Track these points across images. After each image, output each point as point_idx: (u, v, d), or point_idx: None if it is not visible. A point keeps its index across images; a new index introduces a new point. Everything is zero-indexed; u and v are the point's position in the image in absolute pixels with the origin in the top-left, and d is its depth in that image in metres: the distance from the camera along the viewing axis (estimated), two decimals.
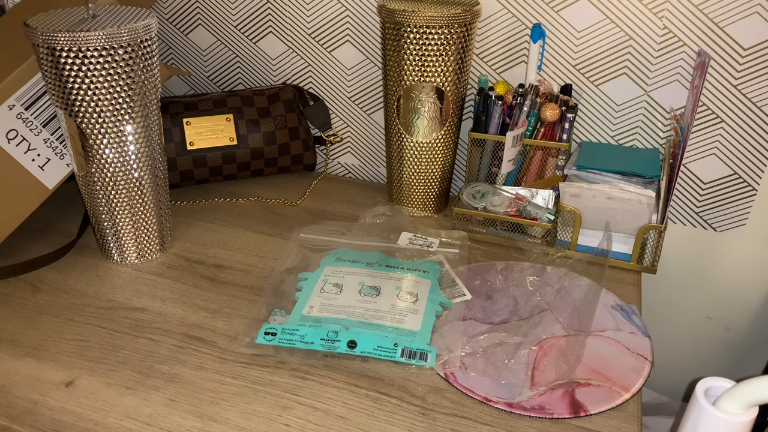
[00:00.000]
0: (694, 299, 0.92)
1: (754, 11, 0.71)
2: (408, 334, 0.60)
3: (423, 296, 0.65)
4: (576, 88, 0.82)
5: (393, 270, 0.68)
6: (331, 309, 0.62)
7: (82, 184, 0.70)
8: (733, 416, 0.42)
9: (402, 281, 0.66)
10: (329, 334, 0.59)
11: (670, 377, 0.90)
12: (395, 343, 0.58)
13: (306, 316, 0.62)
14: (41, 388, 0.56)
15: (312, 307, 0.63)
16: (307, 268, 0.69)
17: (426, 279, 0.67)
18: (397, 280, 0.67)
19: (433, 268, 0.69)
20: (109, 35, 0.60)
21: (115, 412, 0.54)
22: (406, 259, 0.71)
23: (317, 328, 0.60)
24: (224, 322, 0.64)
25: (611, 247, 0.74)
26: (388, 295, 0.64)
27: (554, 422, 0.53)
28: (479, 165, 0.81)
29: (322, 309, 0.62)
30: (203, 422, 0.53)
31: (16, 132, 0.69)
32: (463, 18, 0.72)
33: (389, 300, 0.64)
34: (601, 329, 0.63)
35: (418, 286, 0.66)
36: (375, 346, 0.58)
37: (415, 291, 0.65)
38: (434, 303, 0.64)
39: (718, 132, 0.79)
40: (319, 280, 0.67)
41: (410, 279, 0.67)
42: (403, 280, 0.67)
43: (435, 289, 0.66)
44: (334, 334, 0.59)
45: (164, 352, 0.60)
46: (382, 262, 0.70)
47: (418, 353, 0.58)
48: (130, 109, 0.65)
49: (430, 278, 0.68)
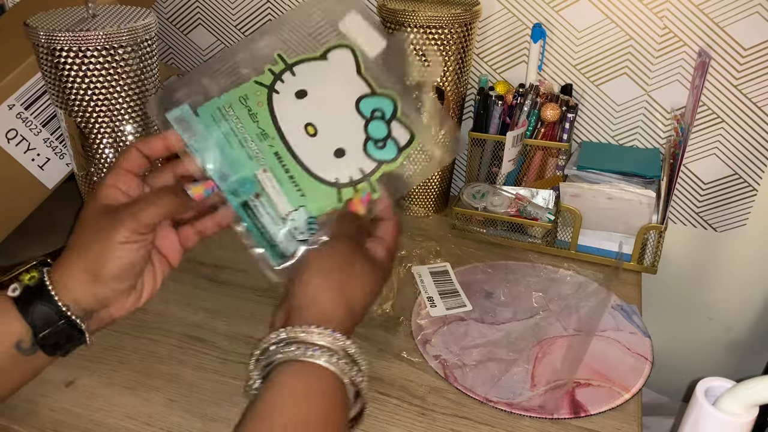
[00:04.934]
0: (695, 299, 0.92)
1: (755, 11, 0.71)
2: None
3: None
4: (576, 88, 0.82)
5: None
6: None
7: (82, 184, 0.70)
8: (733, 416, 0.41)
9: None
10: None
11: (671, 377, 0.90)
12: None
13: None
14: (41, 388, 0.56)
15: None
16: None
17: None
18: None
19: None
20: (108, 35, 0.60)
21: (115, 412, 0.54)
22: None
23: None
24: (224, 323, 0.64)
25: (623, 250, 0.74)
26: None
27: (554, 422, 0.53)
28: (479, 165, 0.81)
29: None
30: (203, 422, 0.53)
31: (15, 131, 0.69)
32: (464, 18, 0.72)
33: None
34: (601, 329, 0.63)
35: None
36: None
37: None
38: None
39: (718, 132, 0.79)
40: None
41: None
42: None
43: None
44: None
45: (164, 352, 0.60)
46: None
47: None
48: (130, 109, 0.65)
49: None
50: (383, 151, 0.52)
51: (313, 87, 0.53)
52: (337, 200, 0.52)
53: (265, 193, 0.51)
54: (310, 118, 0.53)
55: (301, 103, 0.53)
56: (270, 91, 0.52)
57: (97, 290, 0.47)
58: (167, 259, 0.53)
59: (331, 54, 0.54)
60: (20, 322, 0.45)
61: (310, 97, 0.53)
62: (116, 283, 0.48)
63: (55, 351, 0.47)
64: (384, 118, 0.53)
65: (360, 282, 0.48)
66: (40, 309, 0.45)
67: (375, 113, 0.53)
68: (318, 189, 0.52)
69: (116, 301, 0.49)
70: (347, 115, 0.53)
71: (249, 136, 0.52)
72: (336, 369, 0.43)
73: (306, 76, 0.53)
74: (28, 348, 0.46)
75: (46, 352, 0.47)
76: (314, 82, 0.53)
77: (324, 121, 0.53)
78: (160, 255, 0.53)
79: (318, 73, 0.53)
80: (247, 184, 0.51)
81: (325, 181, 0.52)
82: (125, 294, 0.50)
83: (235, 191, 0.51)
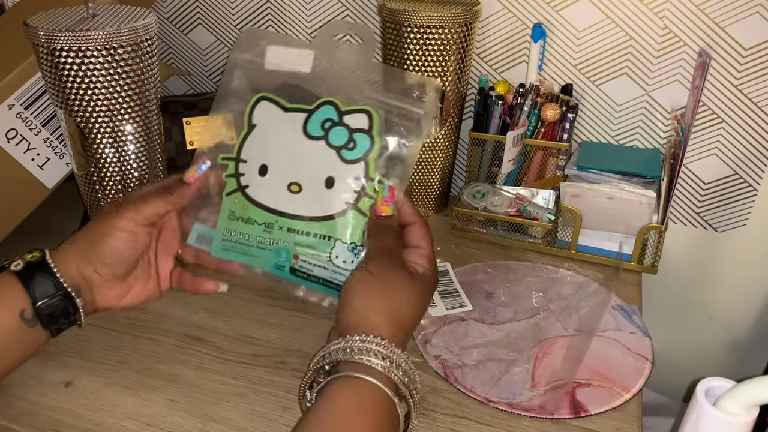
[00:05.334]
0: (695, 299, 0.92)
1: (755, 11, 0.71)
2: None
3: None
4: (576, 88, 0.82)
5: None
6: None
7: (82, 184, 0.70)
8: (733, 416, 0.41)
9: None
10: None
11: (671, 377, 0.90)
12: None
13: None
14: (41, 388, 0.56)
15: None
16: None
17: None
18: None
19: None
20: (108, 35, 0.60)
21: (114, 412, 0.54)
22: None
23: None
24: (224, 323, 0.64)
25: (624, 251, 0.74)
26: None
27: (554, 422, 0.53)
28: (479, 165, 0.81)
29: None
30: (203, 422, 0.53)
31: (15, 131, 0.69)
32: (464, 18, 0.72)
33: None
34: (601, 329, 0.63)
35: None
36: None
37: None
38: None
39: (718, 132, 0.79)
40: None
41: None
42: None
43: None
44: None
45: (164, 352, 0.60)
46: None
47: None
48: (130, 109, 0.65)
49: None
50: (357, 148, 0.53)
51: (265, 155, 0.54)
52: (360, 217, 0.52)
53: (302, 253, 0.53)
54: (285, 181, 0.54)
55: (269, 177, 0.54)
56: (241, 191, 0.55)
57: (84, 268, 0.51)
58: (159, 281, 0.57)
59: (254, 116, 0.55)
60: (22, 293, 0.49)
61: (271, 165, 0.54)
62: (101, 265, 0.51)
63: (51, 324, 0.50)
64: (335, 122, 0.53)
65: (405, 298, 0.49)
66: (40, 281, 0.50)
67: (325, 125, 0.53)
68: (338, 223, 0.53)
69: (100, 286, 0.52)
70: (307, 149, 0.53)
71: (259, 237, 0.54)
72: (389, 389, 0.44)
73: (253, 152, 0.55)
74: (30, 318, 0.50)
75: (43, 325, 0.50)
76: (262, 151, 0.54)
77: (296, 172, 0.54)
78: (156, 274, 0.57)
79: (257, 142, 0.55)
80: (283, 253, 0.54)
81: (338, 213, 0.53)
82: (110, 282, 0.53)
83: (279, 266, 0.54)
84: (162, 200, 0.52)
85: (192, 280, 0.58)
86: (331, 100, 0.53)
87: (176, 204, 0.53)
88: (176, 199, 0.53)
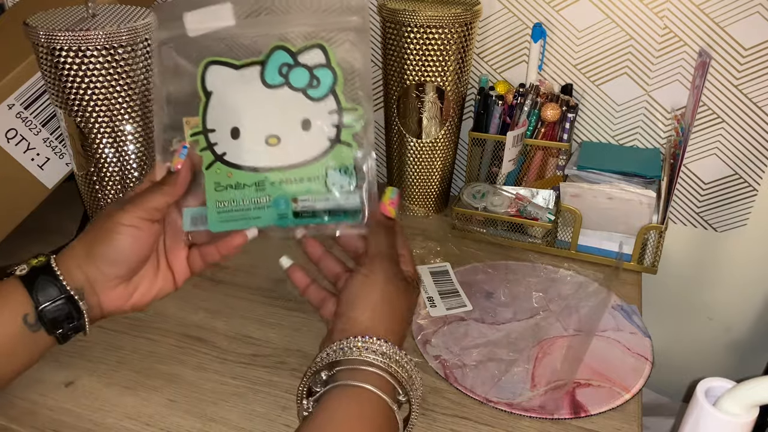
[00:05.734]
0: (695, 299, 0.92)
1: (755, 11, 0.71)
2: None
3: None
4: (577, 88, 0.82)
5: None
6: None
7: (82, 184, 0.70)
8: (733, 417, 0.41)
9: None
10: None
11: (671, 377, 0.90)
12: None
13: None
14: (41, 388, 0.56)
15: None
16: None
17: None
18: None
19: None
20: (108, 34, 0.60)
21: (114, 413, 0.54)
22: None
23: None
24: (224, 322, 0.64)
25: (624, 251, 0.74)
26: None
27: (554, 422, 0.53)
28: (479, 165, 0.81)
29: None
30: (203, 422, 0.53)
31: (15, 131, 0.69)
32: (464, 17, 0.72)
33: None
34: (601, 329, 0.63)
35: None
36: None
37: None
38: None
39: (718, 132, 0.79)
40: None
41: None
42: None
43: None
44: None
45: (164, 352, 0.60)
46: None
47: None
48: (130, 109, 0.65)
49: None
50: (322, 83, 0.52)
51: (232, 118, 0.54)
52: (346, 149, 0.52)
53: (301, 195, 0.53)
54: (260, 136, 0.53)
55: (243, 138, 0.53)
56: (219, 159, 0.54)
57: (88, 268, 0.50)
58: (174, 276, 0.56)
59: (207, 83, 0.54)
60: (26, 297, 0.49)
61: (241, 126, 0.54)
62: (104, 264, 0.50)
63: (54, 328, 0.50)
64: (291, 65, 0.52)
65: (403, 307, 0.49)
66: (43, 284, 0.49)
67: (282, 70, 0.53)
68: (324, 160, 0.52)
69: (105, 287, 0.51)
70: (272, 99, 0.53)
71: (253, 197, 0.54)
72: (388, 397, 0.44)
73: (218, 119, 0.54)
74: (33, 323, 0.49)
75: (46, 329, 0.50)
76: (227, 115, 0.54)
77: (270, 125, 0.53)
78: (168, 269, 0.56)
79: (220, 107, 0.54)
80: (281, 202, 0.53)
81: (324, 152, 0.52)
82: (114, 282, 0.52)
83: (282, 215, 0.53)
84: (159, 193, 0.51)
85: (217, 248, 0.56)
86: (280, 45, 0.52)
87: (174, 194, 0.52)
88: (171, 188, 0.52)
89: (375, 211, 0.52)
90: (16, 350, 0.50)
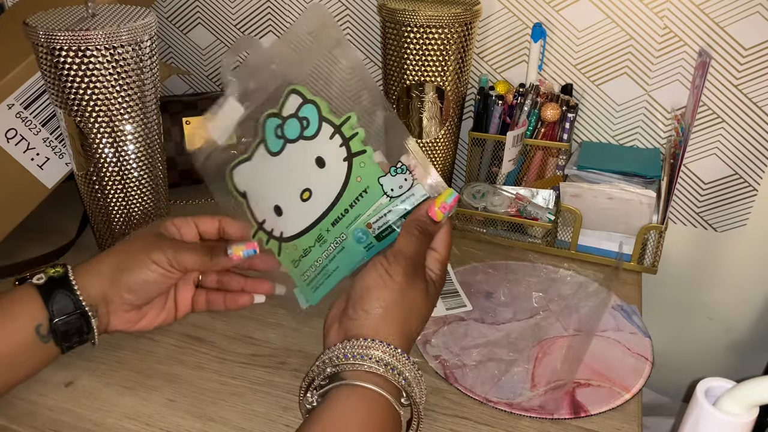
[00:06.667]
0: (695, 299, 0.92)
1: (756, 11, 0.71)
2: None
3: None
4: (576, 87, 0.82)
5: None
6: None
7: (82, 184, 0.70)
8: (733, 417, 0.41)
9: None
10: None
11: (671, 377, 0.90)
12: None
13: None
14: (40, 388, 0.56)
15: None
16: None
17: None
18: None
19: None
20: (108, 34, 0.60)
21: (114, 413, 0.53)
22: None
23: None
24: (224, 322, 0.64)
25: (624, 251, 0.74)
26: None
27: (554, 422, 0.53)
28: (479, 165, 0.81)
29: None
30: (202, 422, 0.53)
31: (15, 131, 0.69)
32: (464, 17, 0.72)
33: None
34: (601, 329, 0.63)
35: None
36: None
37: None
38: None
39: (718, 132, 0.79)
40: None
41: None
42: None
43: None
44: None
45: (163, 352, 0.60)
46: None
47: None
48: (130, 109, 0.65)
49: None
50: (310, 120, 0.53)
51: (268, 202, 0.56)
52: (366, 157, 0.52)
53: (368, 218, 0.53)
54: (296, 201, 0.55)
55: (286, 210, 0.56)
56: (282, 240, 0.57)
57: (108, 290, 0.52)
58: (176, 308, 0.59)
59: (239, 186, 0.58)
60: (41, 308, 0.50)
61: (278, 202, 0.56)
62: (127, 291, 0.53)
63: (63, 341, 0.51)
64: (281, 123, 0.54)
65: (417, 310, 0.48)
66: (60, 297, 0.50)
67: (277, 132, 0.54)
68: (354, 179, 0.53)
69: (118, 309, 0.54)
70: (283, 162, 0.55)
71: (322, 253, 0.55)
72: (393, 398, 0.43)
73: (262, 209, 0.57)
74: (45, 334, 0.50)
75: (56, 341, 0.51)
76: (264, 203, 0.57)
77: (295, 185, 0.55)
78: (174, 303, 0.59)
79: (257, 200, 0.57)
80: (360, 235, 0.53)
81: (347, 174, 0.53)
82: (128, 307, 0.54)
83: (368, 246, 0.54)
84: (201, 259, 0.54)
85: (225, 299, 0.59)
86: (268, 113, 0.54)
87: (212, 268, 0.55)
88: (214, 265, 0.55)
89: (421, 209, 0.50)
90: (23, 359, 0.50)
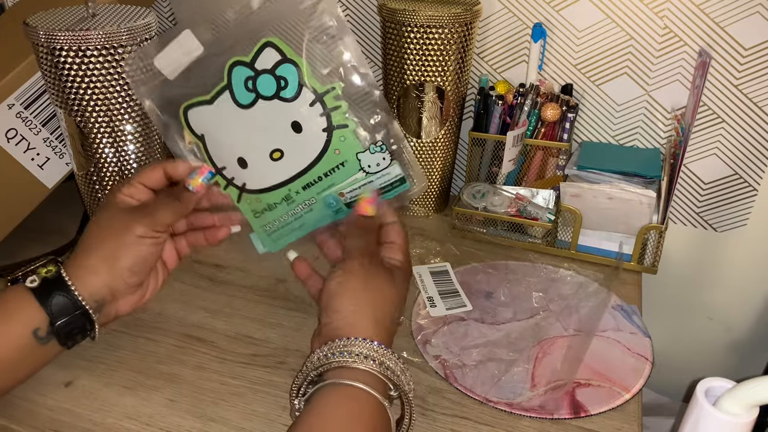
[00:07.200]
0: (695, 299, 0.92)
1: (756, 11, 0.71)
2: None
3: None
4: (577, 87, 0.82)
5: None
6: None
7: (82, 184, 0.70)
8: (733, 417, 0.41)
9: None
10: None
11: (671, 377, 0.90)
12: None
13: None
14: (40, 388, 0.56)
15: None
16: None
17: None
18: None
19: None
20: (108, 34, 0.60)
21: (114, 412, 0.53)
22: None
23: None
24: (224, 322, 0.64)
25: (624, 251, 0.74)
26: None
27: (554, 422, 0.53)
28: (479, 165, 0.81)
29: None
30: (202, 422, 0.53)
31: (15, 131, 0.69)
32: (464, 17, 0.72)
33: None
34: (601, 329, 0.63)
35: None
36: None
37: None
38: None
39: (718, 132, 0.79)
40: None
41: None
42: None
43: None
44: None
45: (163, 352, 0.60)
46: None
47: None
48: (130, 109, 0.65)
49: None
50: (289, 80, 0.51)
51: (231, 151, 0.55)
52: (347, 131, 0.51)
53: (342, 188, 0.54)
54: (265, 156, 0.54)
55: (251, 164, 0.54)
56: (243, 191, 0.56)
57: (112, 281, 0.51)
58: (166, 264, 0.58)
59: (194, 127, 0.55)
60: (38, 311, 0.49)
61: (243, 154, 0.54)
62: (130, 275, 0.52)
63: (68, 341, 0.51)
64: (253, 75, 0.51)
65: (385, 296, 0.50)
66: (58, 299, 0.49)
67: (248, 84, 0.52)
68: (333, 150, 0.52)
69: (125, 295, 0.54)
70: (254, 116, 0.53)
71: (288, 211, 0.55)
72: (379, 394, 0.44)
73: (222, 156, 0.55)
74: (44, 336, 0.50)
75: (60, 342, 0.50)
76: (227, 150, 0.55)
77: (266, 142, 0.53)
78: (161, 262, 0.58)
79: (216, 145, 0.55)
80: (331, 201, 0.54)
81: (326, 143, 0.52)
82: (134, 289, 0.54)
83: (337, 211, 0.54)
84: (173, 208, 0.53)
85: (205, 236, 0.58)
86: (236, 61, 0.51)
87: (187, 210, 0.54)
88: (186, 206, 0.54)
89: (351, 214, 0.53)
90: (21, 362, 0.50)
